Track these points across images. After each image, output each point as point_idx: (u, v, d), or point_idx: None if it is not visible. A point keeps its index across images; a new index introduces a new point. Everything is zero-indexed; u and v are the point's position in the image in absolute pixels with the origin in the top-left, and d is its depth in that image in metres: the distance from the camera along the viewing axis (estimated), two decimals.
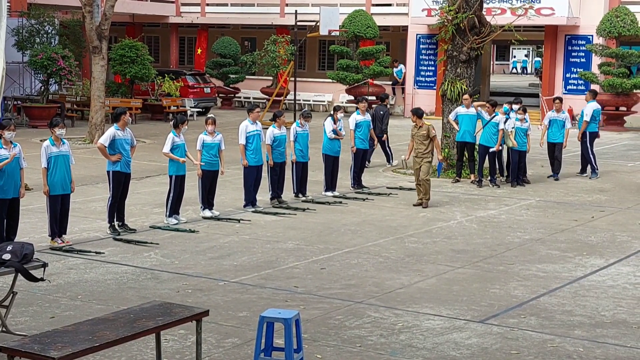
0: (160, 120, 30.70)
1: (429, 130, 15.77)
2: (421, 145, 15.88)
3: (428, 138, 15.77)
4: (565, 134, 19.40)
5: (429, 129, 15.79)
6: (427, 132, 15.78)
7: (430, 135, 15.77)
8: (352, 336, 8.93)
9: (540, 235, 13.86)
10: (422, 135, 15.84)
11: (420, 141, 15.91)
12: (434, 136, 15.83)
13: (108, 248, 12.48)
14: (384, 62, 33.86)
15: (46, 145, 12.36)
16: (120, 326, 7.01)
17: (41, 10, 30.42)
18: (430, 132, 15.77)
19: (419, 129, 15.91)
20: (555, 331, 9.21)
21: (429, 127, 15.84)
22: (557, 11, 31.43)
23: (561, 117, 19.36)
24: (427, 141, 15.81)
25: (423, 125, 15.89)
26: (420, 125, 15.91)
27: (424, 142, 15.85)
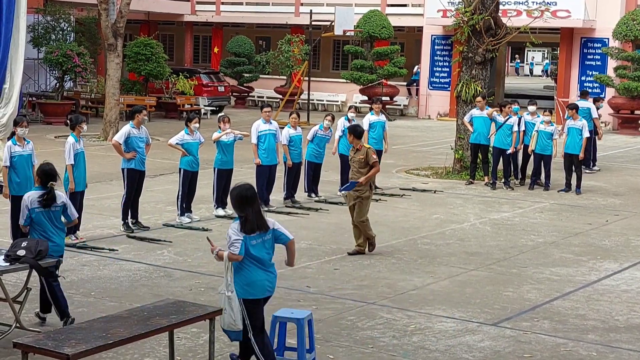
0: (174, 119, 30.75)
1: (368, 155, 12.10)
2: (357, 173, 12.19)
3: (367, 165, 12.15)
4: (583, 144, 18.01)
5: (368, 153, 12.12)
6: (365, 157, 12.15)
7: (369, 161, 12.12)
8: (364, 337, 8.92)
9: (554, 239, 13.81)
10: (359, 161, 12.15)
11: (356, 168, 12.19)
12: (375, 162, 12.16)
13: (121, 245, 12.51)
14: (398, 62, 33.83)
15: (72, 142, 12.37)
16: (134, 324, 7.01)
17: (57, 7, 30.53)
18: (370, 157, 12.10)
19: (355, 152, 12.28)
20: (569, 335, 9.17)
21: (368, 150, 12.17)
22: (573, 14, 31.32)
23: (578, 124, 18.05)
24: (365, 169, 12.14)
25: (361, 148, 12.22)
26: (358, 147, 12.30)
27: (361, 170, 12.14)
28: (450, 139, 22.32)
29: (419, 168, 21.02)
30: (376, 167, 12.22)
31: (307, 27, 31.56)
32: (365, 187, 12.17)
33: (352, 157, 12.32)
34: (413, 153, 24.09)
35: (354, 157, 12.25)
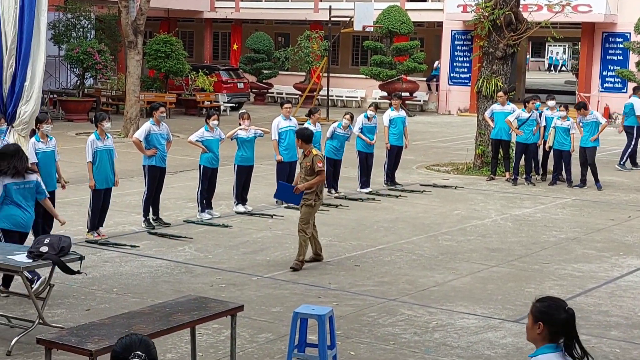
0: (194, 115, 30.82)
1: (314, 162, 11.24)
2: (304, 180, 11.37)
3: (313, 172, 11.28)
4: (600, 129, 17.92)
5: (314, 160, 11.25)
6: (310, 164, 11.28)
7: (315, 168, 11.27)
8: (385, 334, 8.90)
9: (576, 235, 13.73)
10: (306, 168, 11.33)
11: (303, 175, 11.40)
12: (320, 170, 11.25)
13: (143, 242, 12.55)
14: (418, 58, 33.73)
15: (91, 139, 12.43)
16: (156, 320, 7.03)
17: (77, 4, 30.67)
18: (316, 164, 11.23)
19: (304, 157, 11.48)
20: (592, 332, 9.11)
21: (314, 157, 11.28)
22: (595, 8, 31.10)
23: (590, 118, 17.97)
24: (311, 175, 11.30)
25: (309, 154, 11.37)
26: (307, 152, 11.43)
27: (308, 177, 11.31)
28: (470, 134, 22.23)
29: (439, 164, 20.96)
30: (321, 176, 11.32)
31: (327, 23, 31.51)
32: (311, 195, 11.30)
33: (301, 162, 11.62)
34: (433, 149, 24.02)
35: (302, 163, 11.53)
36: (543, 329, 4.43)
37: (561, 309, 4.44)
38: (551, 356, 4.41)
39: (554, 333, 4.42)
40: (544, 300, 4.49)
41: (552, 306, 4.45)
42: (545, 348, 4.42)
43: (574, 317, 4.45)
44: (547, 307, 4.45)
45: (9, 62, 15.80)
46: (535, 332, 4.47)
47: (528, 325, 4.53)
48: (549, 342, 4.41)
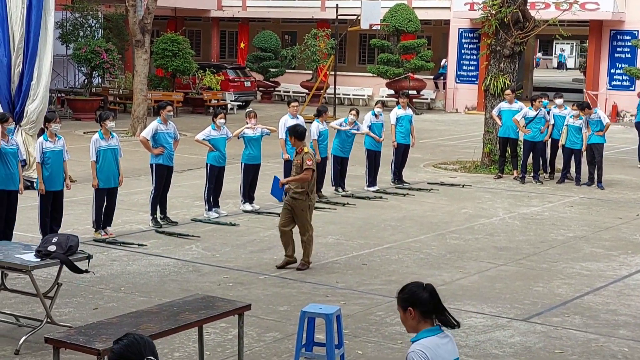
0: (201, 114, 30.82)
1: (303, 160, 11.10)
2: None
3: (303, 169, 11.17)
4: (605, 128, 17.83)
5: (304, 158, 11.11)
6: (301, 162, 11.13)
7: (303, 166, 11.14)
8: (393, 332, 8.88)
9: (584, 233, 13.69)
10: (296, 165, 11.24)
11: (294, 172, 11.30)
12: (307, 169, 11.08)
13: (150, 240, 12.56)
14: (425, 56, 33.69)
15: (95, 138, 12.44)
16: (164, 319, 7.03)
17: (85, 3, 30.72)
18: (305, 162, 11.09)
19: (296, 155, 11.36)
20: (600, 330, 9.09)
21: (304, 155, 11.14)
22: (602, 6, 31.02)
23: (594, 117, 17.79)
24: (300, 174, 11.19)
25: (301, 152, 11.23)
26: (299, 150, 11.31)
27: (297, 175, 11.21)
28: (478, 132, 22.20)
29: (446, 162, 20.93)
30: (307, 173, 11.06)
31: (333, 22, 31.49)
32: (302, 195, 11.13)
33: (294, 159, 11.40)
34: (441, 147, 23.99)
35: (294, 160, 11.34)
36: (415, 313, 4.56)
37: (421, 289, 4.59)
38: (433, 338, 4.52)
39: (426, 312, 4.55)
40: (404, 289, 4.64)
41: (412, 290, 4.59)
42: (425, 332, 4.54)
43: (436, 291, 4.58)
44: (409, 292, 4.59)
45: (16, 61, 15.86)
46: (410, 319, 4.59)
47: (402, 318, 4.65)
48: (426, 324, 4.54)
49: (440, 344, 4.52)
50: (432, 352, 4.44)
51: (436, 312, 4.55)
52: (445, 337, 4.56)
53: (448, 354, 4.53)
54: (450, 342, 4.59)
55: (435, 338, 4.52)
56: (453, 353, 4.59)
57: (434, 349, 4.46)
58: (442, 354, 4.49)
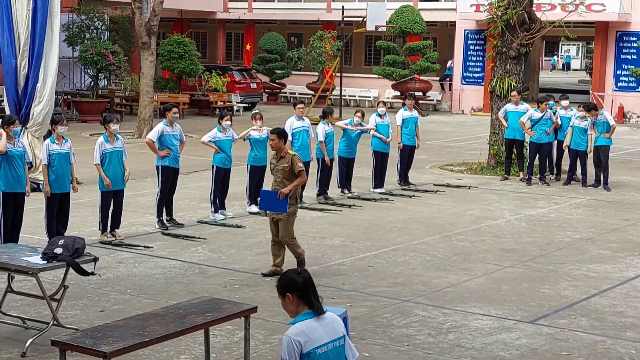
0: (207, 116, 30.86)
1: (294, 163, 10.67)
2: (281, 184, 10.71)
3: (292, 174, 10.72)
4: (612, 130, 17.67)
5: (294, 161, 10.68)
6: (290, 166, 10.70)
7: (295, 170, 10.69)
8: (399, 335, 8.88)
9: (590, 235, 13.67)
10: (284, 170, 10.69)
11: (280, 178, 10.72)
12: (301, 171, 10.75)
13: (156, 242, 12.57)
14: (431, 57, 33.68)
15: (100, 141, 12.45)
16: (170, 321, 7.04)
17: (91, 6, 30.78)
18: (296, 165, 10.67)
19: (279, 159, 10.80)
20: (607, 332, 9.07)
21: (294, 157, 10.73)
22: (608, 7, 30.97)
23: (601, 119, 17.69)
24: (290, 179, 10.70)
25: (286, 155, 10.78)
26: (283, 154, 10.85)
27: (286, 181, 10.68)
28: (484, 134, 22.18)
29: (452, 164, 20.91)
30: (302, 177, 10.83)
31: (339, 23, 31.50)
32: (292, 200, 10.71)
33: (274, 165, 10.79)
34: (447, 148, 23.97)
35: (277, 166, 10.74)
36: (293, 298, 4.88)
37: (296, 274, 4.92)
38: (309, 322, 4.85)
39: (303, 296, 4.87)
40: (281, 277, 4.97)
41: (288, 276, 4.93)
42: (302, 315, 4.86)
43: (310, 275, 4.91)
44: (285, 279, 4.93)
45: (21, 64, 15.90)
46: (289, 305, 4.91)
47: (283, 305, 4.96)
48: (304, 307, 4.86)
49: (317, 326, 4.84)
50: (307, 336, 4.77)
51: (313, 296, 4.86)
52: (324, 319, 4.89)
53: (326, 334, 4.86)
54: (330, 322, 4.91)
55: (311, 321, 4.84)
56: (334, 333, 4.91)
57: (309, 332, 4.79)
58: (317, 336, 4.82)
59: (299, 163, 10.74)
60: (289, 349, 4.76)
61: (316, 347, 4.81)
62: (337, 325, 4.95)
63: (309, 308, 4.87)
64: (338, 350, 4.93)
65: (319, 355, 4.82)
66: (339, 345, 4.95)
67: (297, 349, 4.76)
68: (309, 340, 4.78)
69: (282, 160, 10.72)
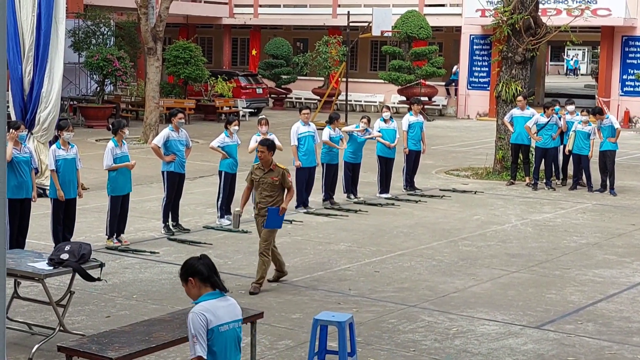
0: (213, 121, 30.88)
1: (284, 178, 10.47)
2: (267, 197, 10.49)
3: (281, 188, 10.52)
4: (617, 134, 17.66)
5: (284, 176, 10.47)
6: (279, 179, 10.45)
7: (285, 185, 10.51)
8: (405, 340, 8.87)
9: (597, 240, 13.64)
10: (272, 184, 10.46)
11: (267, 191, 10.49)
12: (290, 186, 10.62)
13: (162, 248, 12.58)
14: (436, 62, 33.67)
15: (111, 147, 12.45)
16: (176, 327, 7.04)
17: (97, 11, 30.83)
18: (287, 180, 10.50)
19: (266, 172, 10.50)
20: (613, 338, 9.05)
21: (284, 171, 10.50)
22: (614, 12, 30.94)
23: (606, 123, 17.69)
24: (277, 192, 10.50)
25: (275, 168, 10.50)
26: (272, 167, 10.53)
27: (273, 193, 10.50)
28: (490, 139, 22.17)
29: (458, 169, 20.90)
30: (293, 191, 10.85)
31: (345, 28, 31.52)
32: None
33: (260, 177, 10.48)
34: (452, 153, 23.95)
35: (263, 178, 10.45)
36: (195, 282, 5.21)
37: (196, 260, 5.27)
38: (212, 301, 5.18)
39: (205, 279, 5.20)
40: (183, 265, 5.29)
41: (189, 263, 5.27)
42: (206, 296, 5.20)
43: (210, 260, 5.29)
44: (186, 265, 5.26)
45: (26, 69, 15.94)
46: (192, 288, 5.24)
47: (186, 290, 5.28)
48: (207, 289, 5.19)
49: (220, 306, 5.18)
50: (210, 313, 5.10)
51: (216, 277, 5.21)
52: (225, 300, 5.25)
53: (227, 314, 5.21)
54: (231, 305, 5.29)
55: (214, 301, 5.18)
56: (233, 315, 5.27)
57: (213, 310, 5.12)
58: (220, 315, 5.15)
59: (289, 177, 10.56)
60: (196, 324, 5.05)
61: (219, 324, 5.15)
62: (236, 310, 5.34)
63: (213, 289, 5.19)
64: (236, 332, 5.31)
65: (221, 333, 5.16)
66: (238, 327, 5.33)
67: (203, 324, 5.06)
68: (214, 318, 5.11)
69: (270, 173, 10.45)
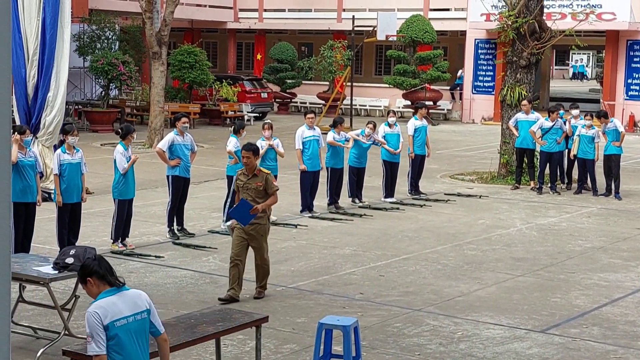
0: (218, 125, 30.94)
1: (268, 182, 10.20)
2: (252, 202, 10.09)
3: (265, 194, 10.19)
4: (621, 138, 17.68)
5: (268, 180, 10.20)
6: (263, 185, 10.18)
7: (269, 190, 10.19)
8: (410, 344, 8.86)
9: (602, 244, 13.62)
10: (257, 189, 10.16)
11: (252, 196, 10.16)
12: (275, 192, 10.26)
13: (167, 252, 12.59)
14: (441, 67, 33.67)
15: (122, 151, 12.47)
16: (182, 331, 7.05)
17: (102, 16, 30.90)
18: (271, 185, 10.21)
19: (250, 177, 10.23)
20: (618, 342, 9.03)
21: (268, 176, 10.23)
22: (619, 16, 30.92)
23: (610, 126, 17.70)
24: (262, 198, 10.16)
25: (259, 173, 10.25)
26: (256, 172, 10.28)
27: (258, 199, 10.15)
28: (494, 143, 22.15)
29: (463, 173, 20.89)
30: (276, 197, 10.33)
31: (350, 33, 31.54)
32: (264, 220, 10.30)
33: (244, 182, 10.20)
34: (457, 158, 23.94)
35: (247, 184, 10.18)
36: (93, 281, 5.37)
37: (90, 260, 5.45)
38: (110, 298, 5.34)
39: (102, 276, 5.37)
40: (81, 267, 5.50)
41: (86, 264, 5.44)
42: (103, 293, 5.36)
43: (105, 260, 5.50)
44: (83, 267, 5.44)
45: (30, 73, 15.98)
46: (92, 288, 5.41)
47: (86, 290, 5.47)
48: (105, 287, 5.36)
49: (118, 301, 5.33)
50: (105, 310, 5.25)
51: (111, 276, 5.36)
52: (125, 294, 5.40)
53: (128, 308, 5.35)
54: (133, 297, 5.43)
55: (112, 297, 5.33)
56: (135, 307, 5.40)
57: (109, 306, 5.28)
58: (118, 309, 5.30)
59: (274, 182, 10.38)
60: (90, 322, 5.24)
61: (115, 319, 5.28)
62: (140, 301, 5.46)
63: (110, 287, 5.36)
64: (141, 323, 5.43)
65: (118, 328, 5.29)
66: (142, 319, 5.44)
67: (98, 321, 5.22)
68: (109, 314, 5.25)
69: (254, 179, 10.22)
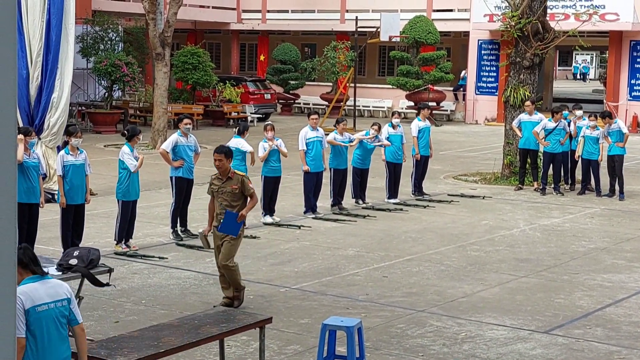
0: (222, 126, 30.94)
1: (244, 185, 9.97)
2: (228, 207, 9.96)
3: (242, 197, 10.02)
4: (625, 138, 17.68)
5: (244, 183, 9.99)
6: (239, 187, 9.96)
7: (245, 192, 9.99)
8: (414, 345, 8.86)
9: (605, 245, 13.61)
10: (232, 192, 9.96)
11: (228, 201, 9.97)
12: (252, 193, 10.05)
13: (171, 253, 12.60)
14: (444, 67, 33.67)
15: (128, 152, 12.49)
16: (185, 332, 7.06)
17: (105, 17, 30.93)
18: (247, 187, 9.97)
19: (225, 181, 10.00)
20: (622, 343, 9.03)
21: (244, 179, 10.04)
22: (622, 17, 30.89)
23: (614, 127, 17.66)
24: (239, 202, 10.00)
25: (233, 176, 10.04)
26: (230, 175, 10.05)
27: (234, 203, 9.98)
28: (498, 144, 22.15)
29: (467, 174, 20.88)
30: (255, 198, 10.15)
31: (353, 34, 31.56)
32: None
33: (219, 187, 10.00)
34: (460, 158, 23.93)
35: (222, 188, 9.96)
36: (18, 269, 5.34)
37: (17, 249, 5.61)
38: (32, 284, 5.59)
39: (25, 266, 5.61)
40: None
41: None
42: (26, 280, 5.60)
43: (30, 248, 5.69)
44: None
45: (34, 75, 15.99)
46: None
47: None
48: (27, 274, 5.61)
49: (40, 288, 5.59)
50: (28, 294, 5.49)
51: (34, 265, 5.62)
52: (46, 282, 5.66)
53: (48, 295, 5.59)
54: (54, 286, 5.70)
55: (35, 284, 5.59)
56: (56, 295, 5.65)
57: (31, 292, 5.53)
58: (38, 295, 5.54)
59: (250, 184, 10.06)
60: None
61: (36, 305, 5.52)
62: (61, 289, 5.72)
63: (33, 274, 5.61)
64: (60, 310, 5.66)
65: (39, 313, 5.53)
66: (62, 306, 5.68)
67: (19, 305, 5.39)
68: (29, 299, 5.48)
69: (229, 182, 9.98)
